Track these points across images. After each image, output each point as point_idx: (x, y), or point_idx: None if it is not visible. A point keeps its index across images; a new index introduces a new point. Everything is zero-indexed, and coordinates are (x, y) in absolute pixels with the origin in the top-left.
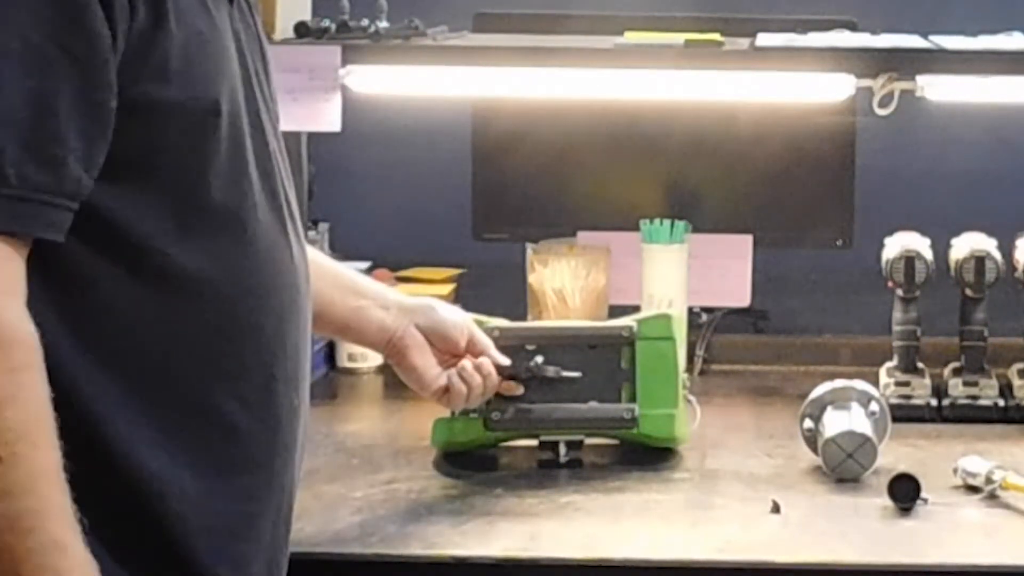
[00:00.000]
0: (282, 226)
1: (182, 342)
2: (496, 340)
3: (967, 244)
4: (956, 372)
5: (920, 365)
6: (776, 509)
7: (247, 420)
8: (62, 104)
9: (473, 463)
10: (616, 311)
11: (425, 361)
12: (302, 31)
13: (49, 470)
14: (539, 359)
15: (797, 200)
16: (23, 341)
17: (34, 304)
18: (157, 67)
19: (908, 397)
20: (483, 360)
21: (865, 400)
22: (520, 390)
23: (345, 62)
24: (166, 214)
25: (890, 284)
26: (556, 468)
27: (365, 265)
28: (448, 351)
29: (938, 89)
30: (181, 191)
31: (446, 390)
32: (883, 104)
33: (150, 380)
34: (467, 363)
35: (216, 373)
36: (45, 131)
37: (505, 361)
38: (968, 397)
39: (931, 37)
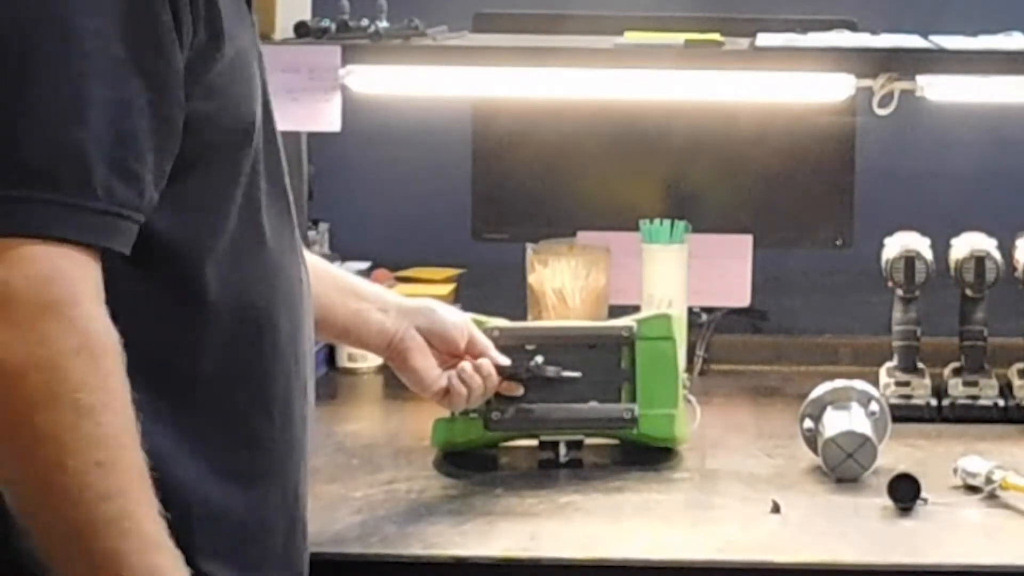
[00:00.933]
0: (290, 231)
1: (210, 352)
2: (496, 340)
3: (967, 244)
4: (956, 372)
5: (920, 365)
6: (776, 509)
7: (269, 427)
8: (140, 119)
9: (473, 463)
10: (616, 311)
11: (425, 363)
12: (302, 31)
13: (140, 471)
14: (539, 359)
15: (797, 200)
16: (112, 347)
17: None
18: (209, 84)
19: (908, 397)
20: (483, 361)
21: (865, 400)
22: (520, 390)
23: (345, 62)
24: (198, 226)
25: (890, 284)
26: (556, 468)
27: (365, 265)
28: (448, 352)
29: (938, 89)
30: (212, 203)
31: (446, 391)
32: (883, 104)
33: (180, 391)
34: (467, 364)
35: (242, 382)
36: (127, 146)
37: (505, 361)
38: (968, 397)
39: (931, 37)
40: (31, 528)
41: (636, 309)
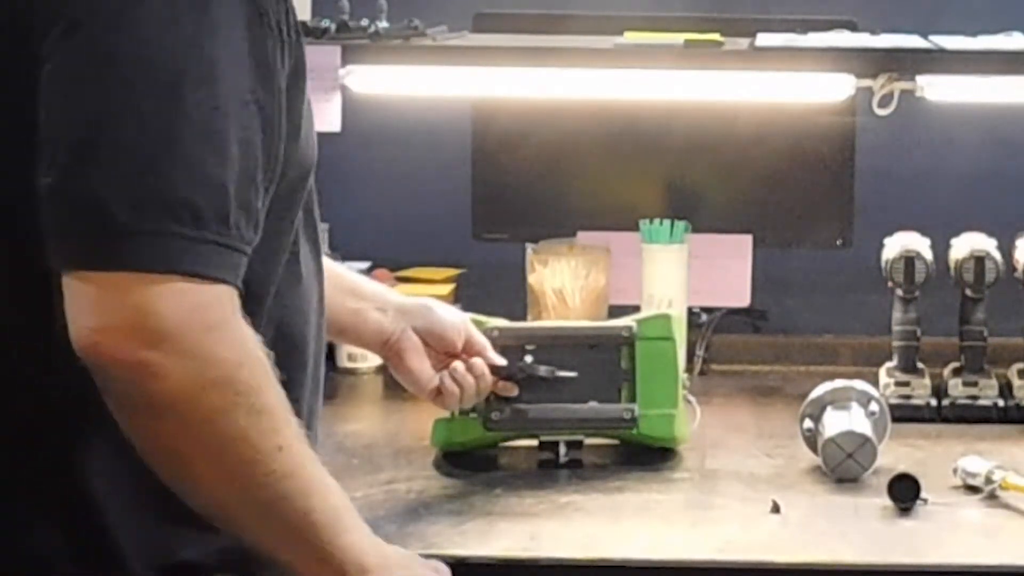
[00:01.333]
0: (317, 254)
1: None
2: (495, 340)
3: (967, 244)
4: (956, 372)
5: (920, 365)
6: (776, 509)
7: None
8: (258, 158)
9: (473, 463)
10: (616, 311)
11: (421, 363)
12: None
13: (303, 439)
14: (528, 359)
15: (797, 200)
16: (264, 352)
17: None
18: (292, 123)
19: (908, 397)
20: (476, 360)
21: (865, 400)
22: (515, 391)
23: (345, 62)
24: (264, 261)
25: (890, 284)
26: (556, 468)
27: (365, 265)
28: (445, 352)
29: (938, 89)
30: (276, 238)
31: (440, 391)
32: (883, 104)
33: None
34: (459, 364)
35: None
36: (250, 184)
37: (501, 361)
38: (968, 397)
39: (931, 37)
40: (226, 518)
41: (636, 309)
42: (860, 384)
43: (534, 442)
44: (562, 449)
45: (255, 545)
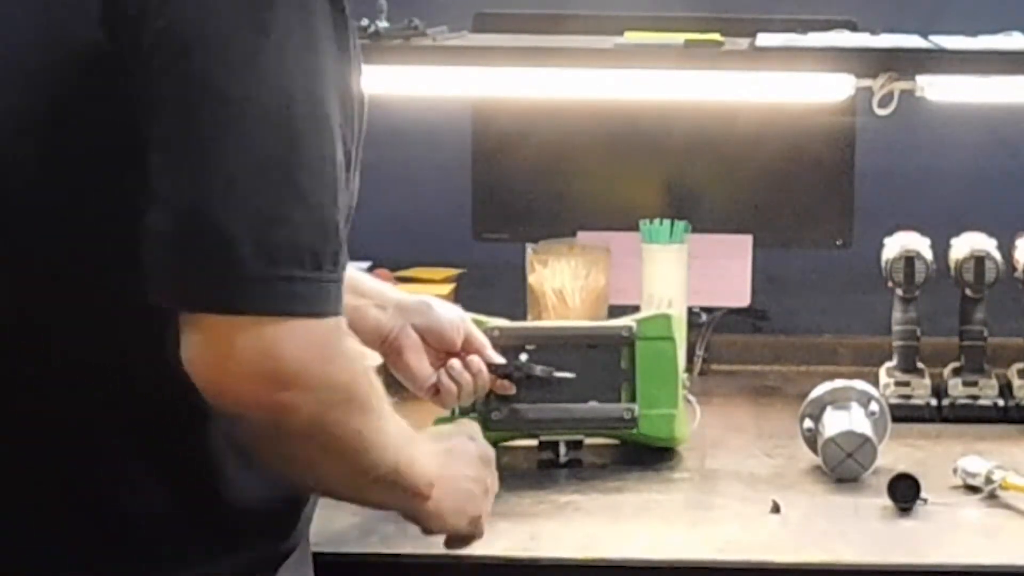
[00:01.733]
0: None
1: None
2: (496, 340)
3: (967, 244)
4: (956, 372)
5: (920, 365)
6: (776, 509)
7: None
8: (345, 192)
9: None
10: (616, 311)
11: (419, 361)
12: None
13: (393, 415)
14: (523, 357)
15: (797, 200)
16: (366, 361)
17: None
18: (347, 154)
19: (908, 397)
20: (472, 358)
21: (865, 400)
22: (513, 390)
23: None
24: None
25: (890, 284)
26: (556, 468)
27: (365, 265)
28: (444, 350)
29: (938, 89)
30: None
31: (438, 389)
32: (883, 104)
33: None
34: (455, 361)
35: None
36: (345, 219)
37: (499, 359)
38: (968, 397)
39: (931, 37)
40: (335, 494)
41: (636, 309)
42: (860, 384)
43: (534, 442)
44: (562, 449)
45: (353, 502)
